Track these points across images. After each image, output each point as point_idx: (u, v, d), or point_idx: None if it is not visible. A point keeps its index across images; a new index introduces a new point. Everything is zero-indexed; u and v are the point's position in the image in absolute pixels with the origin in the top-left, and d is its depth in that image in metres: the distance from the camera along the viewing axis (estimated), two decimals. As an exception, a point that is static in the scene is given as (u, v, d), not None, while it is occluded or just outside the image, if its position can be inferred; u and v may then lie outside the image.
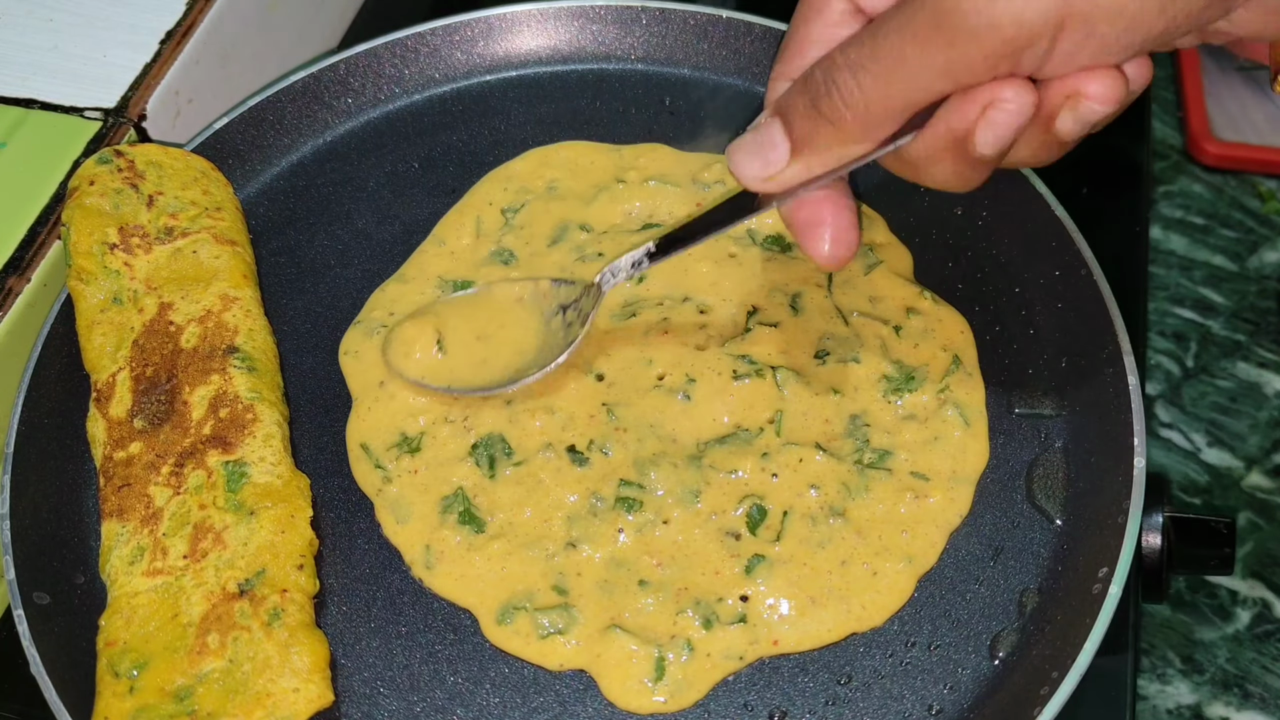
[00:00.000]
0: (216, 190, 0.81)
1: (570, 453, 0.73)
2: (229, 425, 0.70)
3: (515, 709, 0.67)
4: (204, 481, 0.69)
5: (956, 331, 0.79)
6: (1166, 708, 0.85)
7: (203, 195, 0.80)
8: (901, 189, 0.86)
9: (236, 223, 0.81)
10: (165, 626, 0.65)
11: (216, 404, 0.71)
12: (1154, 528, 0.75)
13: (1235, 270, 1.04)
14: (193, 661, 0.64)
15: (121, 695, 0.63)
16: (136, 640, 0.65)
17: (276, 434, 0.71)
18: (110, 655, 0.65)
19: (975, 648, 0.69)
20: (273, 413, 0.72)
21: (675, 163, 0.86)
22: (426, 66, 0.92)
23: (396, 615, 0.70)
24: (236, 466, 0.69)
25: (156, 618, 0.66)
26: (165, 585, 0.67)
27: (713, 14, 0.91)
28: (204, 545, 0.67)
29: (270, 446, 0.71)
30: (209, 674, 0.63)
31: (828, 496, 0.72)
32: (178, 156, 0.82)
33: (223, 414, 0.71)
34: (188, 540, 0.67)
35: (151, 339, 0.73)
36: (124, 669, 0.64)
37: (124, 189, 0.78)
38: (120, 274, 0.75)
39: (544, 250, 0.82)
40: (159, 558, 0.67)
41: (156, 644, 0.65)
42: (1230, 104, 1.11)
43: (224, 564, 0.67)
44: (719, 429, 0.73)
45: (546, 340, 0.75)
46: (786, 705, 0.67)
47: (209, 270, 0.76)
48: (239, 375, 0.72)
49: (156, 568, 0.67)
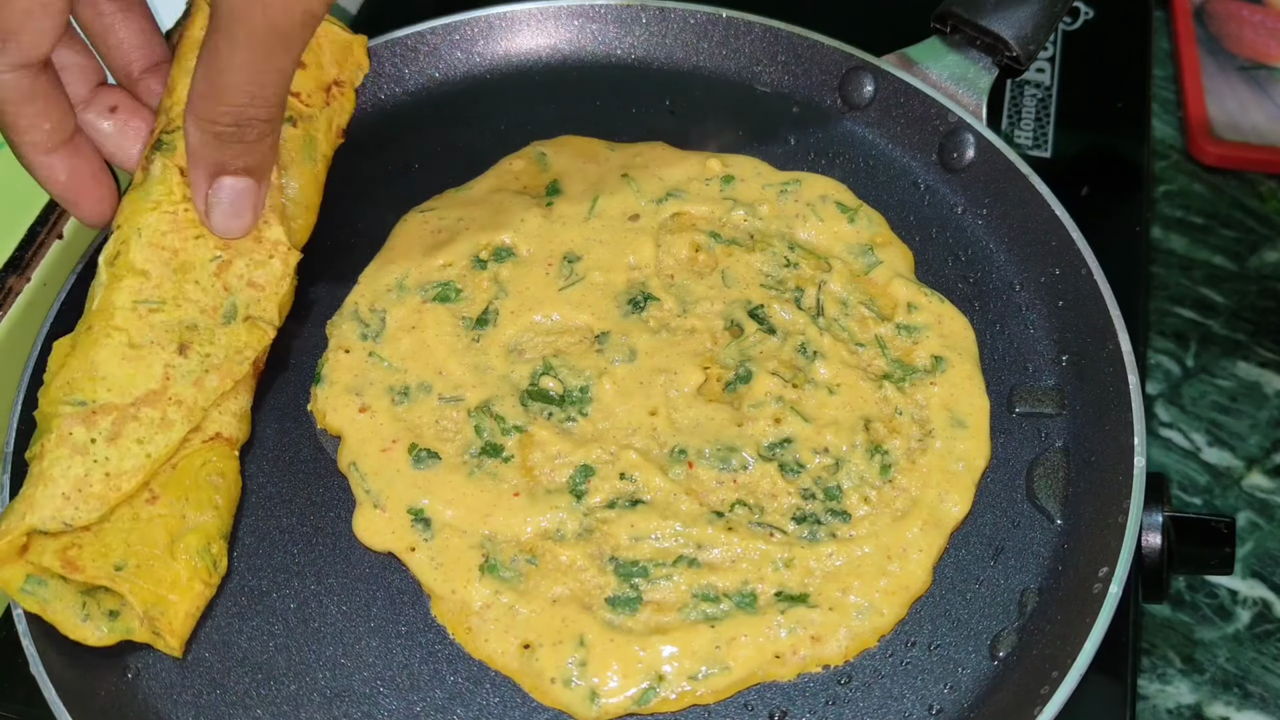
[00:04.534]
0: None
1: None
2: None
3: (515, 709, 0.67)
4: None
5: (957, 330, 0.79)
6: (1166, 708, 0.85)
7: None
8: (901, 188, 0.87)
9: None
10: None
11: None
12: (1154, 527, 0.75)
13: (1235, 270, 1.04)
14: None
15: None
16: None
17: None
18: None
19: (975, 647, 0.69)
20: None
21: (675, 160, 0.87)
22: (426, 66, 0.92)
23: (396, 615, 0.70)
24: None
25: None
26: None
27: (713, 13, 0.91)
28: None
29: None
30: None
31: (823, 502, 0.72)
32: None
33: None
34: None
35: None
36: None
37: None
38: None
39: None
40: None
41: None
42: (1230, 104, 1.11)
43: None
44: (731, 435, 0.74)
45: None
46: (786, 705, 0.67)
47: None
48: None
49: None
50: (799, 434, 0.74)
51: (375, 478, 0.73)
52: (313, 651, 0.69)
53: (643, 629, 0.68)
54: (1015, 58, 0.85)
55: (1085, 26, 1.10)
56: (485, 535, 0.71)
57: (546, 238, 0.81)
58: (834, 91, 0.90)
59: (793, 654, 0.68)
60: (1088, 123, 1.03)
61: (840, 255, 0.82)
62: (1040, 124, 1.02)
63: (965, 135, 0.85)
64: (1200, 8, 1.18)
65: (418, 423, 0.75)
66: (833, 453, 0.73)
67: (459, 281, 0.80)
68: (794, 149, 0.88)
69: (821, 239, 0.83)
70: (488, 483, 0.72)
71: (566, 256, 0.81)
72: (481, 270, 0.81)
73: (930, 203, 0.85)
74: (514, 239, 0.82)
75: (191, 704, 0.68)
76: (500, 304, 0.79)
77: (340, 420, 0.75)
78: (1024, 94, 1.04)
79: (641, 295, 0.79)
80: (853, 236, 0.83)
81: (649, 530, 0.70)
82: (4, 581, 0.65)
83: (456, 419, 0.75)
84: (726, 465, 0.73)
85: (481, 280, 0.80)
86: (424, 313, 0.79)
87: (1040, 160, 1.00)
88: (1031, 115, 1.03)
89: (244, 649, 0.69)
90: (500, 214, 0.83)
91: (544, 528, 0.71)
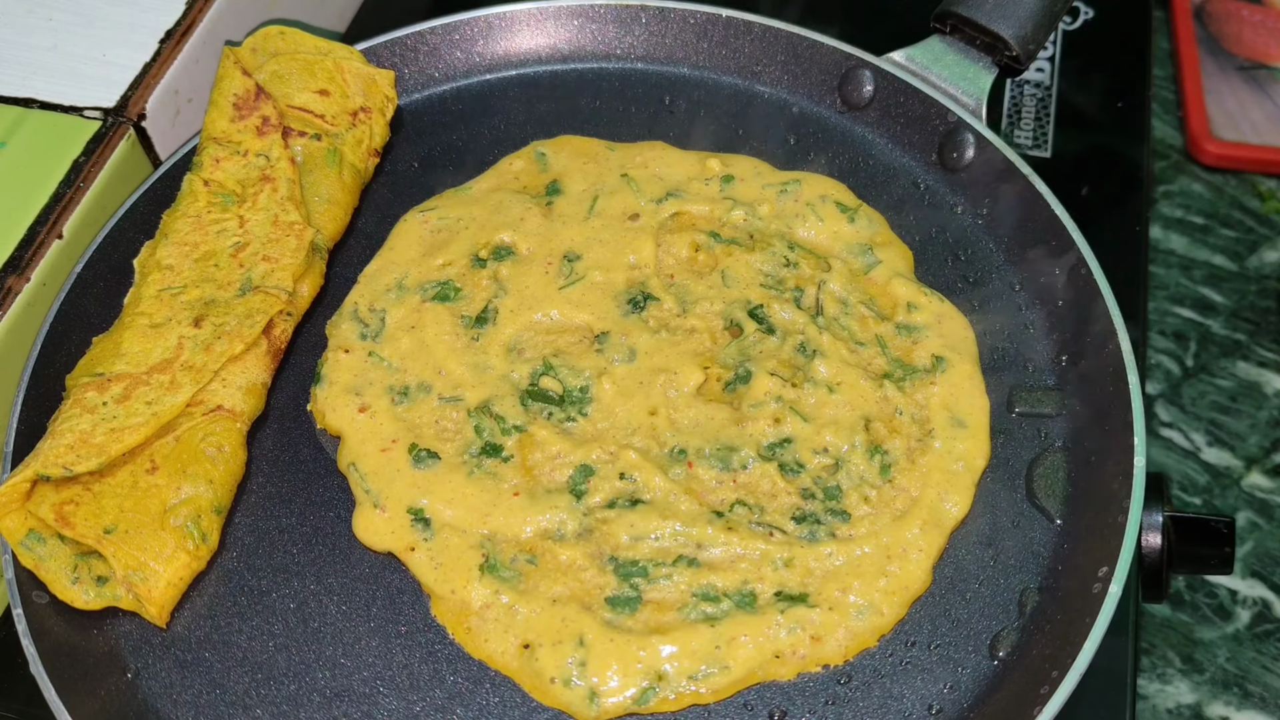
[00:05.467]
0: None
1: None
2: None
3: (515, 709, 0.67)
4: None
5: (957, 330, 0.79)
6: (1166, 707, 0.85)
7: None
8: (901, 188, 0.87)
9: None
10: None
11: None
12: (1154, 527, 0.75)
13: (1235, 270, 1.04)
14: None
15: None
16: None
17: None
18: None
19: (975, 647, 0.69)
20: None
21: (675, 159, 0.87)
22: (426, 65, 0.92)
23: (396, 615, 0.70)
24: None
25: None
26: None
27: (712, 13, 0.91)
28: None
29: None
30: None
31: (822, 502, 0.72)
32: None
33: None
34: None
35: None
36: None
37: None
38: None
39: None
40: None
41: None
42: (1230, 104, 1.11)
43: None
44: (733, 435, 0.74)
45: None
46: (786, 705, 0.67)
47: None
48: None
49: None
50: (799, 434, 0.74)
51: (375, 478, 0.73)
52: (312, 651, 0.69)
53: (642, 629, 0.68)
54: (1015, 57, 0.85)
55: (1085, 26, 1.10)
56: (485, 535, 0.71)
57: (546, 236, 0.82)
58: (834, 91, 0.90)
59: (792, 654, 0.67)
60: (1088, 123, 1.03)
61: (840, 255, 0.82)
62: (1040, 124, 1.02)
63: (965, 135, 0.85)
64: (1200, 7, 1.18)
65: (417, 422, 0.75)
66: (832, 452, 0.73)
67: (458, 280, 0.80)
68: (794, 149, 0.88)
69: (821, 239, 0.83)
70: (487, 482, 0.72)
71: (566, 255, 0.81)
72: (481, 269, 0.81)
73: (930, 203, 0.85)
74: (514, 238, 0.82)
75: (191, 704, 0.68)
76: (500, 302, 0.79)
77: (340, 420, 0.75)
78: (1024, 94, 1.04)
79: (641, 295, 0.79)
80: (852, 236, 0.83)
81: (649, 530, 0.70)
82: (7, 532, 0.69)
83: (456, 419, 0.75)
84: (726, 465, 0.73)
85: (481, 279, 0.80)
86: (423, 312, 0.79)
87: (1040, 160, 1.00)
88: (1031, 115, 1.03)
89: (244, 649, 0.69)
90: (500, 213, 0.83)
91: (544, 527, 0.71)
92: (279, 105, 0.82)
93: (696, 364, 0.76)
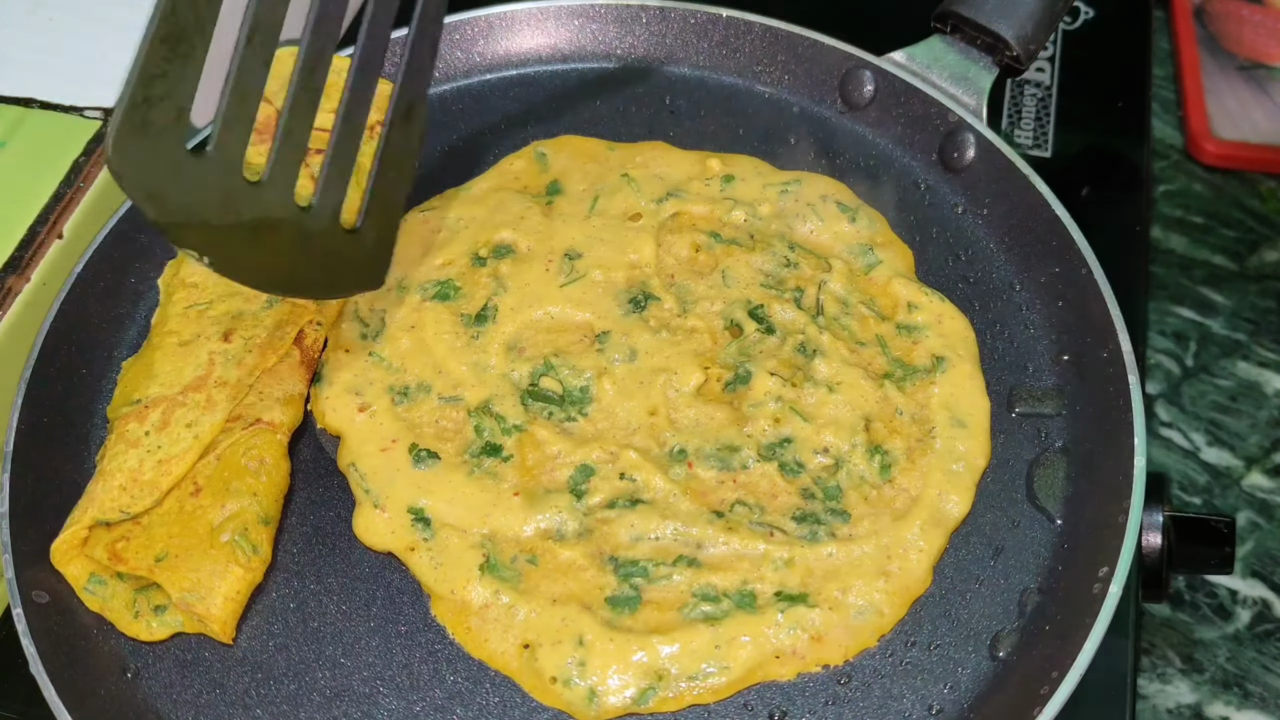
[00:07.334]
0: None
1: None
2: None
3: (515, 709, 0.67)
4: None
5: (957, 330, 0.79)
6: (1166, 707, 0.85)
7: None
8: (901, 188, 0.87)
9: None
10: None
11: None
12: (1154, 527, 0.75)
13: (1235, 270, 1.04)
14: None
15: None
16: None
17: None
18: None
19: (975, 647, 0.69)
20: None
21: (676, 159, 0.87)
22: (426, 66, 0.92)
23: (396, 615, 0.70)
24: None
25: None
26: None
27: (713, 13, 0.91)
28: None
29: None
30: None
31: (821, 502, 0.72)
32: None
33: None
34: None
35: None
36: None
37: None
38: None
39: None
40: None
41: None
42: (1230, 103, 1.11)
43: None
44: (730, 434, 0.74)
45: None
46: (786, 705, 0.67)
47: None
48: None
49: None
50: (799, 433, 0.74)
51: (375, 477, 0.73)
52: (312, 651, 0.69)
53: (642, 628, 0.68)
54: (1015, 57, 0.85)
55: (1085, 26, 1.10)
56: (485, 535, 0.71)
57: (547, 235, 0.82)
58: (834, 91, 0.90)
59: (792, 653, 0.67)
60: (1088, 122, 1.03)
61: (840, 255, 0.82)
62: (1040, 124, 1.02)
63: (965, 135, 0.85)
64: (1200, 7, 1.18)
65: (417, 422, 0.75)
66: (833, 452, 0.73)
67: (458, 279, 0.80)
68: (794, 149, 0.88)
69: (821, 239, 0.83)
70: (488, 482, 0.72)
71: (567, 253, 0.81)
72: (481, 267, 0.81)
73: (930, 203, 0.85)
74: (514, 236, 0.82)
75: (191, 704, 0.68)
76: (500, 300, 0.79)
77: (340, 420, 0.75)
78: (1024, 94, 1.04)
79: (642, 294, 0.79)
80: (853, 236, 0.83)
81: (649, 530, 0.70)
82: (71, 579, 0.69)
83: (456, 418, 0.75)
84: (726, 465, 0.73)
85: (481, 277, 0.80)
86: (423, 312, 0.79)
87: (1040, 160, 1.00)
88: (1031, 115, 1.03)
89: (244, 649, 0.69)
90: (500, 212, 0.83)
91: (544, 527, 0.71)
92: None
93: (697, 364, 0.76)
